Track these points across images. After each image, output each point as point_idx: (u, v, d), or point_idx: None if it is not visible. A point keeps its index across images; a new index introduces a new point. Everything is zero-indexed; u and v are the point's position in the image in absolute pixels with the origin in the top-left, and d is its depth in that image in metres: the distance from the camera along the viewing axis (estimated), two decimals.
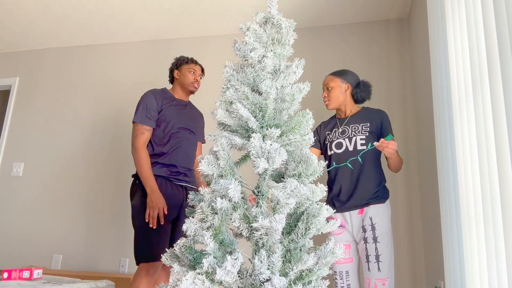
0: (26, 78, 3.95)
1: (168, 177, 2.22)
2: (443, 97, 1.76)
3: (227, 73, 1.42)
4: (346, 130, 2.16)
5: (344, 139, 2.13)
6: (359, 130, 2.12)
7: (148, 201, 2.08)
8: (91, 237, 3.33)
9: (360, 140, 2.09)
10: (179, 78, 2.42)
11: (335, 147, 2.15)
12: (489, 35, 1.19)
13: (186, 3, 3.12)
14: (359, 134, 2.11)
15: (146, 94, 2.31)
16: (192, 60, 2.44)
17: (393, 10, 3.10)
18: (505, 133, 1.08)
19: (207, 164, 1.27)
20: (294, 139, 1.35)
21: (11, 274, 2.11)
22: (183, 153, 2.29)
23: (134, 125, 2.24)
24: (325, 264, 1.19)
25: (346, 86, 2.21)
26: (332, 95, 2.20)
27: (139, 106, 2.27)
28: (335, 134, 2.19)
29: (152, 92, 2.32)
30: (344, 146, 2.13)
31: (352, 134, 2.13)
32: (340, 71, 2.24)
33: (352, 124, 2.16)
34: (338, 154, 2.13)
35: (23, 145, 3.74)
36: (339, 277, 2.04)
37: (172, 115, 2.29)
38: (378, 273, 1.92)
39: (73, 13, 3.31)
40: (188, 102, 2.46)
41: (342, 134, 2.16)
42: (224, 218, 1.19)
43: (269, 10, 1.49)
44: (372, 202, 2.02)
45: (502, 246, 1.12)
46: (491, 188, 1.19)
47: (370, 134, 2.10)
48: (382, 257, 1.94)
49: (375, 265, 1.93)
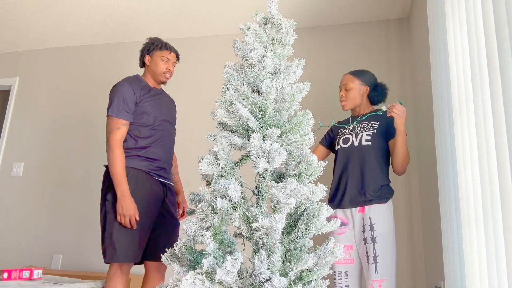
0: (26, 78, 3.95)
1: (148, 172, 2.06)
2: (443, 97, 1.76)
3: (227, 73, 1.42)
4: (356, 127, 2.17)
5: (352, 135, 2.15)
6: (368, 127, 2.13)
7: (118, 207, 1.89)
8: (91, 237, 3.33)
9: (366, 136, 2.09)
10: (150, 65, 2.19)
11: (342, 142, 2.17)
12: (489, 35, 1.19)
13: (186, 3, 3.12)
14: (366, 131, 2.11)
15: (121, 84, 2.09)
16: (166, 46, 2.20)
17: (393, 10, 3.10)
18: (504, 133, 1.08)
19: (207, 164, 1.27)
20: (294, 139, 1.35)
21: (11, 274, 2.11)
22: (166, 147, 2.16)
23: (109, 118, 2.03)
24: (325, 264, 1.19)
25: (364, 88, 2.20)
26: (350, 96, 2.19)
27: (114, 97, 2.05)
28: (346, 130, 2.21)
29: (128, 82, 2.11)
30: (350, 141, 2.13)
31: (360, 130, 2.13)
32: (360, 72, 2.22)
33: (362, 121, 2.17)
34: (344, 148, 2.14)
35: (23, 145, 3.74)
36: (338, 277, 2.02)
37: (152, 107, 2.12)
38: (374, 274, 1.89)
39: (73, 13, 3.31)
40: (161, 89, 2.28)
41: (352, 130, 2.17)
42: (224, 218, 1.19)
43: (269, 10, 1.49)
44: (374, 202, 1.99)
45: (502, 246, 1.12)
46: (491, 188, 1.19)
47: (378, 133, 2.10)
48: (380, 258, 1.90)
49: (372, 266, 1.90)
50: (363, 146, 2.08)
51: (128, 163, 2.03)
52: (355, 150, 2.09)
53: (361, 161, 2.07)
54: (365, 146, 2.08)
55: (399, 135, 1.97)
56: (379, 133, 2.10)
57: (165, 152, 2.16)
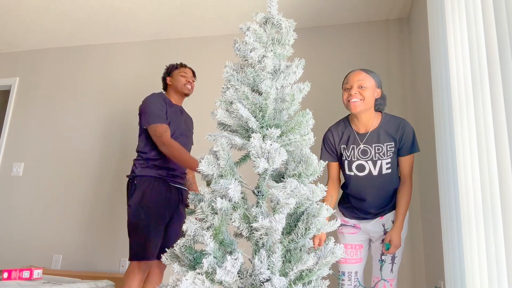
0: (26, 78, 3.95)
1: (165, 178, 2.28)
2: (443, 97, 1.76)
3: (227, 73, 1.41)
4: (368, 150, 1.90)
5: (367, 162, 1.90)
6: (383, 152, 1.89)
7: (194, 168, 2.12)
8: (91, 237, 3.33)
9: (386, 164, 1.89)
10: (172, 83, 2.49)
11: (356, 169, 1.93)
12: (489, 35, 1.19)
13: (186, 3, 3.12)
14: (384, 158, 1.88)
15: (151, 97, 2.36)
16: (181, 65, 2.53)
17: (393, 10, 3.10)
18: (505, 133, 1.08)
19: (207, 164, 1.27)
20: (294, 139, 1.35)
21: (11, 274, 2.11)
22: None
23: (154, 127, 2.25)
24: (325, 264, 1.19)
25: (378, 92, 1.92)
26: (367, 95, 1.84)
27: (150, 109, 2.30)
28: (353, 152, 1.93)
29: (156, 95, 2.39)
30: (367, 169, 1.92)
31: (376, 156, 1.89)
32: (373, 72, 1.94)
33: (375, 144, 1.90)
34: (359, 176, 1.94)
35: (23, 145, 3.74)
36: (347, 278, 1.97)
37: (173, 120, 2.35)
38: (390, 274, 1.93)
39: (73, 13, 3.31)
40: (181, 107, 2.54)
41: (364, 154, 1.91)
42: (224, 218, 1.19)
43: (269, 10, 1.49)
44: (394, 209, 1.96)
45: (502, 246, 1.12)
46: (491, 188, 1.19)
47: (394, 155, 1.90)
48: (397, 260, 1.94)
49: (389, 266, 1.92)
50: (383, 175, 1.91)
51: (146, 172, 2.25)
52: (374, 178, 1.91)
53: (381, 187, 1.93)
54: (385, 175, 1.91)
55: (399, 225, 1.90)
56: (395, 153, 1.91)
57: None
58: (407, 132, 1.89)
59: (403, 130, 1.89)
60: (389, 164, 1.89)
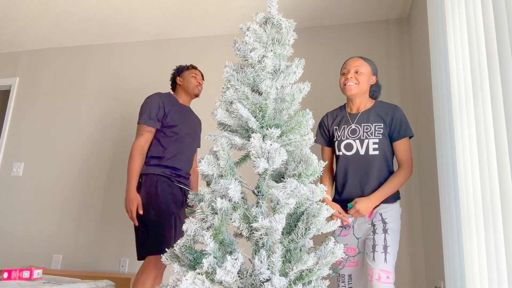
0: (26, 78, 3.95)
1: (169, 177, 2.28)
2: (443, 97, 1.76)
3: (227, 73, 1.42)
4: (357, 129, 1.97)
5: (355, 141, 1.96)
6: (372, 131, 1.94)
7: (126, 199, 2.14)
8: (91, 237, 3.33)
9: (373, 144, 1.93)
10: (182, 84, 2.50)
11: (344, 148, 1.98)
12: (489, 35, 1.19)
13: (186, 3, 3.12)
14: (371, 137, 1.93)
15: (151, 97, 2.36)
16: (192, 66, 2.55)
17: (393, 10, 3.10)
18: (504, 133, 1.08)
19: (207, 164, 1.27)
20: (294, 139, 1.35)
21: (11, 274, 2.11)
22: (185, 158, 2.37)
23: (139, 126, 2.30)
24: (325, 264, 1.19)
25: (373, 79, 2.03)
26: (362, 80, 1.97)
27: (143, 107, 2.32)
28: (343, 132, 2.00)
29: (157, 95, 2.38)
30: (354, 148, 1.96)
31: (364, 135, 1.95)
32: (370, 60, 2.05)
33: (364, 123, 1.97)
34: (347, 156, 1.97)
35: (23, 145, 3.74)
36: (341, 280, 1.95)
37: (178, 119, 2.35)
38: (383, 264, 1.79)
39: (73, 13, 3.31)
40: (189, 108, 2.54)
41: (353, 134, 1.98)
42: (224, 218, 1.19)
43: (269, 10, 1.49)
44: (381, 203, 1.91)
45: (502, 246, 1.12)
46: (491, 188, 1.19)
47: (383, 137, 1.93)
48: (390, 249, 1.83)
49: (382, 255, 1.81)
50: (370, 156, 1.93)
51: (151, 170, 2.25)
52: (361, 159, 1.93)
53: (367, 171, 1.92)
54: (372, 156, 1.92)
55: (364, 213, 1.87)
56: (385, 136, 1.94)
57: (185, 162, 2.37)
58: (397, 115, 1.96)
59: (393, 113, 1.96)
60: (377, 145, 1.93)
